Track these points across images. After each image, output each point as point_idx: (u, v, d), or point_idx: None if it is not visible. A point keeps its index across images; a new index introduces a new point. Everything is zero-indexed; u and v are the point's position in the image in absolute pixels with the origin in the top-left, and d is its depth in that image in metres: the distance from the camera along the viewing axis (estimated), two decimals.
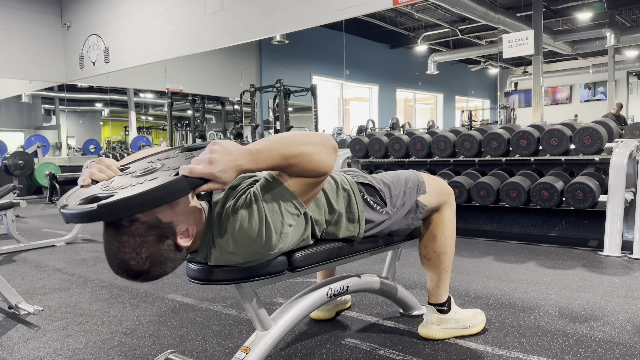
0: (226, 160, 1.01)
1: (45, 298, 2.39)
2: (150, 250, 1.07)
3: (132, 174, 1.09)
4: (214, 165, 0.99)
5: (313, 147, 1.12)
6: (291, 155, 1.09)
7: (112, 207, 0.94)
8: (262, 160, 1.06)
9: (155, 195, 0.95)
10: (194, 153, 1.13)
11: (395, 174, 1.61)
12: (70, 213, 0.98)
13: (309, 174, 1.14)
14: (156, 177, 1.03)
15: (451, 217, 1.69)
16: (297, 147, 1.10)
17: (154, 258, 1.08)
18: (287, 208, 1.15)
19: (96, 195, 1.02)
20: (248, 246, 1.16)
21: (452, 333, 1.71)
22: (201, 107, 9.86)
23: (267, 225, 1.13)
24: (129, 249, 1.05)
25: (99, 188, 1.06)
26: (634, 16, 11.99)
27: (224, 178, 1.01)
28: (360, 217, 1.44)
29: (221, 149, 1.01)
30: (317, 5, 5.27)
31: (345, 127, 11.24)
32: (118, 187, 1.02)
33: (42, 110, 11.31)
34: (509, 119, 12.17)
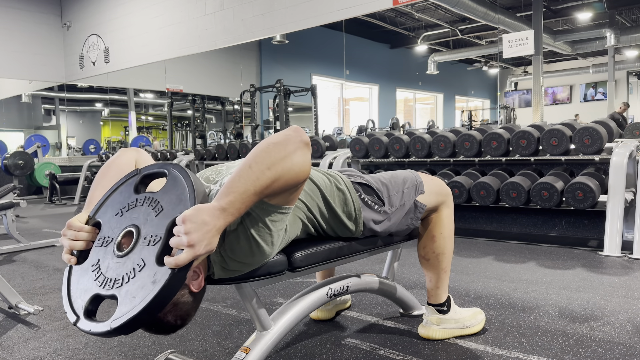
0: (204, 233, 0.95)
1: (45, 298, 2.39)
2: (176, 313, 1.10)
3: (113, 251, 1.07)
4: (196, 247, 0.95)
5: (282, 162, 1.03)
6: (265, 186, 1.02)
7: (126, 327, 1.01)
8: (238, 210, 1.01)
9: (160, 302, 0.98)
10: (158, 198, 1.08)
11: (393, 174, 1.60)
12: (89, 332, 1.04)
13: (290, 188, 1.09)
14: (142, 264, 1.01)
15: (449, 217, 1.69)
16: (267, 173, 1.02)
17: (181, 315, 1.12)
18: (272, 219, 1.13)
19: (98, 293, 1.05)
20: (244, 262, 1.18)
21: (451, 333, 1.71)
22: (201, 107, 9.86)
23: (256, 242, 1.14)
24: (157, 325, 1.11)
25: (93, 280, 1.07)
26: (634, 16, 11.99)
27: (210, 248, 0.98)
28: (358, 215, 1.43)
29: (194, 226, 0.95)
30: (317, 5, 5.27)
31: (345, 127, 11.24)
32: (113, 282, 1.04)
33: (42, 110, 11.31)
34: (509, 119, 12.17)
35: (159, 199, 1.07)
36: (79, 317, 1.05)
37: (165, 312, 1.08)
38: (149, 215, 1.07)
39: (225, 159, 5.53)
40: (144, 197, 1.10)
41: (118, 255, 1.06)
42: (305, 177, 1.10)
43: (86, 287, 1.08)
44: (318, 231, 1.42)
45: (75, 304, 1.07)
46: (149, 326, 1.10)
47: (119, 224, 1.11)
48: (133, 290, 1.00)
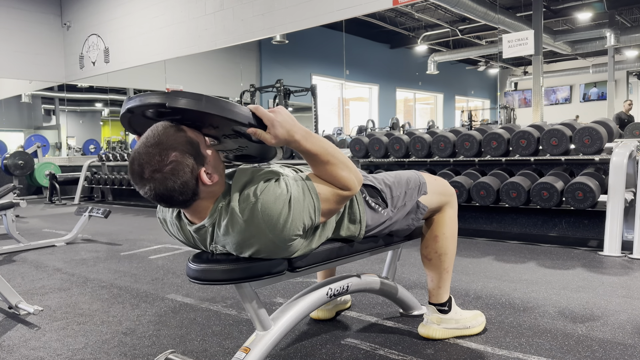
0: (286, 119, 1.16)
1: (45, 298, 2.39)
2: (178, 158, 1.12)
3: None
4: (276, 115, 1.15)
5: (348, 162, 1.26)
6: (332, 155, 1.23)
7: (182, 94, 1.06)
8: (311, 142, 1.20)
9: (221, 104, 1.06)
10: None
11: (396, 175, 1.60)
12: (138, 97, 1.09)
13: (338, 181, 1.23)
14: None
15: (453, 218, 1.69)
16: (338, 154, 1.24)
17: (175, 166, 1.11)
18: (309, 205, 1.20)
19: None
20: (263, 223, 1.16)
21: (452, 333, 1.71)
22: None
23: (289, 209, 1.17)
24: (163, 146, 1.11)
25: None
26: (634, 16, 11.98)
27: (278, 131, 1.15)
28: (362, 218, 1.44)
29: (285, 112, 1.17)
30: (317, 5, 5.27)
31: (345, 127, 11.23)
32: None
33: (42, 110, 11.30)
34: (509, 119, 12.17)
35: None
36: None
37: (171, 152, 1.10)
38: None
39: None
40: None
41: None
42: (350, 188, 1.27)
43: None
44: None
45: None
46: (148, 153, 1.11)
47: None
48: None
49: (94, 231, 4.28)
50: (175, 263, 3.02)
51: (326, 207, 1.25)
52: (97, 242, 3.87)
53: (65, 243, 3.84)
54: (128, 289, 2.48)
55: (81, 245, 3.77)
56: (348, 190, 1.26)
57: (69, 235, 3.91)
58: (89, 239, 4.01)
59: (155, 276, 2.71)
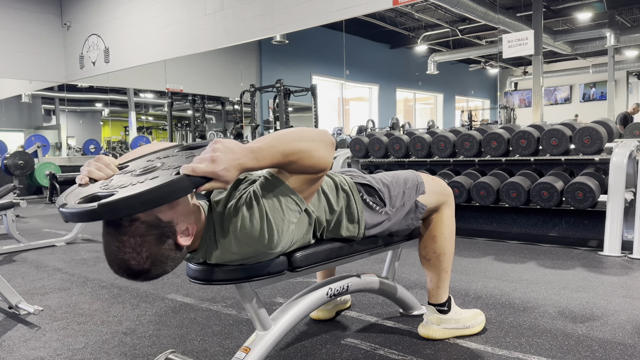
0: (229, 159, 1.00)
1: (45, 298, 2.39)
2: (151, 249, 1.06)
3: (132, 173, 1.08)
4: (216, 164, 0.99)
5: (312, 143, 1.13)
6: (291, 152, 1.09)
7: (113, 206, 0.93)
8: (263, 158, 1.06)
9: (157, 195, 0.94)
10: (195, 152, 1.12)
11: (394, 174, 1.60)
12: (69, 212, 0.96)
13: (309, 170, 1.15)
14: (157, 176, 1.02)
15: (450, 218, 1.69)
16: (297, 144, 1.10)
17: (154, 257, 1.07)
18: (288, 205, 1.15)
19: (96, 194, 1.00)
20: (250, 245, 1.16)
21: (452, 333, 1.71)
22: (201, 107, 9.86)
23: (269, 222, 1.13)
24: (130, 248, 1.04)
25: (98, 187, 1.05)
26: (634, 16, 11.99)
27: (227, 177, 1.01)
28: (360, 217, 1.44)
29: (223, 148, 1.01)
30: (317, 5, 5.27)
31: (345, 127, 11.24)
32: (118, 186, 1.01)
33: (42, 110, 11.30)
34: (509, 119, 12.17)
35: (195, 152, 1.11)
36: (66, 203, 0.99)
37: (144, 242, 1.04)
38: (179, 159, 1.10)
39: None
40: (181, 152, 1.15)
41: (135, 174, 1.05)
42: (324, 167, 1.17)
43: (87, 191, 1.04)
44: (316, 237, 1.41)
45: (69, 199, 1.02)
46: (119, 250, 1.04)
47: (146, 163, 1.13)
48: (135, 188, 0.97)
49: (94, 231, 4.28)
50: None
51: (305, 194, 1.20)
52: (97, 242, 3.87)
53: (65, 243, 3.84)
54: (128, 289, 2.48)
55: (81, 245, 3.77)
56: (322, 172, 1.18)
57: (69, 235, 3.91)
58: (89, 239, 4.01)
59: None
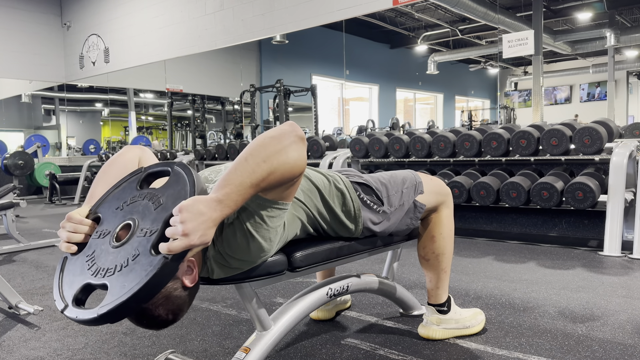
0: (199, 223, 0.96)
1: (45, 298, 2.39)
2: (167, 307, 1.09)
3: (109, 241, 1.07)
4: (190, 237, 0.95)
5: (278, 155, 1.04)
6: (261, 179, 1.03)
7: (112, 314, 0.97)
8: (234, 202, 1.01)
9: (149, 290, 0.97)
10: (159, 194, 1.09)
11: (392, 174, 1.60)
12: (75, 319, 1.01)
13: (286, 182, 1.09)
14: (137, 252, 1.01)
15: (449, 218, 1.69)
16: (263, 167, 1.03)
17: (173, 310, 1.10)
18: (270, 215, 1.13)
19: (88, 282, 1.04)
20: (242, 259, 1.17)
21: (451, 333, 1.71)
22: (201, 107, 9.86)
23: (253, 238, 1.13)
24: (148, 319, 1.09)
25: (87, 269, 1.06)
26: (634, 16, 11.98)
27: (205, 240, 0.98)
28: (357, 214, 1.43)
29: (191, 215, 0.95)
30: (317, 5, 5.27)
31: (345, 127, 11.24)
32: (105, 271, 1.03)
33: (42, 110, 11.30)
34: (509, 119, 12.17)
35: (160, 194, 1.08)
36: (67, 305, 1.04)
37: (156, 305, 1.07)
38: (148, 209, 1.07)
39: (225, 159, 5.54)
40: (145, 193, 1.11)
41: (114, 245, 1.06)
42: (300, 171, 1.10)
43: (78, 276, 1.07)
44: (318, 231, 1.42)
45: (66, 292, 1.06)
46: (140, 319, 1.09)
47: (118, 217, 1.11)
48: (124, 278, 0.99)
49: None
50: None
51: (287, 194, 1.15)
52: None
53: None
54: None
55: None
56: (299, 175, 1.11)
57: None
58: None
59: None
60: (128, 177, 1.18)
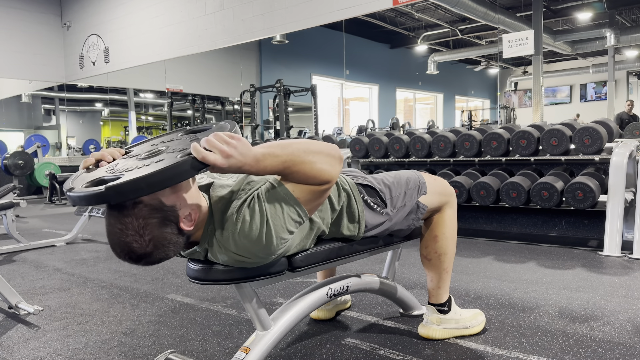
0: (239, 157, 1.03)
1: (45, 298, 2.39)
2: (154, 232, 1.07)
3: (137, 157, 1.09)
4: (228, 160, 1.02)
5: (317, 155, 1.14)
6: (293, 163, 1.11)
7: (119, 188, 0.94)
8: (264, 167, 1.08)
9: (163, 177, 0.95)
10: (198, 135, 1.12)
11: (396, 175, 1.60)
12: (77, 196, 0.98)
13: (312, 181, 1.15)
14: (162, 159, 1.02)
15: (452, 218, 1.69)
16: (300, 155, 1.12)
17: (156, 241, 1.08)
18: (290, 214, 1.15)
19: (102, 177, 1.01)
20: (247, 248, 1.16)
21: (452, 333, 1.71)
22: (201, 107, 9.86)
23: (268, 228, 1.13)
24: (132, 231, 1.05)
25: (104, 171, 1.06)
26: (634, 16, 11.99)
27: (226, 171, 1.04)
28: (360, 217, 1.44)
29: (240, 149, 1.03)
30: (317, 5, 5.27)
31: (345, 127, 11.24)
32: (124, 170, 1.02)
33: (42, 110, 11.30)
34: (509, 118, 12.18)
35: (199, 136, 1.10)
36: (73, 188, 1.00)
37: (146, 224, 1.05)
38: (184, 142, 1.09)
39: None
40: (185, 136, 1.14)
41: (140, 158, 1.06)
42: (328, 180, 1.17)
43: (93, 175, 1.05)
44: (319, 237, 1.41)
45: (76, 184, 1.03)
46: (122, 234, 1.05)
47: (151, 147, 1.13)
48: (141, 171, 0.97)
49: (94, 231, 4.28)
50: (175, 263, 3.02)
51: (310, 207, 1.20)
52: (97, 242, 3.87)
53: (65, 243, 3.84)
54: (128, 289, 2.48)
55: (81, 245, 3.77)
56: (327, 184, 1.18)
57: (69, 235, 3.91)
58: (89, 239, 4.01)
59: (155, 276, 2.71)
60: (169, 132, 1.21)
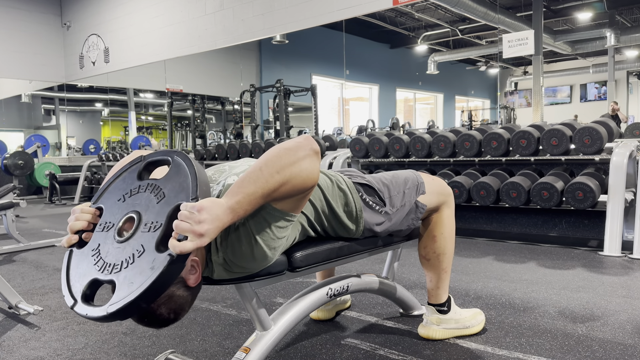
0: (215, 227, 0.97)
1: (45, 298, 2.39)
2: (170, 307, 1.09)
3: (113, 236, 1.07)
4: (204, 238, 0.96)
5: (293, 166, 1.06)
6: (273, 190, 1.04)
7: (121, 312, 0.98)
8: (244, 210, 1.03)
9: (157, 288, 0.97)
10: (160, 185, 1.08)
11: (394, 174, 1.60)
12: (85, 316, 1.02)
13: (297, 194, 1.11)
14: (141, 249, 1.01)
15: (450, 218, 1.69)
16: (276, 177, 1.04)
17: (175, 309, 1.11)
18: (277, 224, 1.14)
19: (96, 278, 1.04)
20: (243, 265, 1.18)
21: (452, 333, 1.71)
22: (201, 107, 9.86)
23: (258, 245, 1.13)
24: (151, 317, 1.09)
25: (93, 264, 1.06)
26: (634, 16, 11.99)
27: (209, 241, 0.99)
28: (359, 215, 1.43)
29: (210, 218, 0.96)
30: (317, 5, 5.27)
31: (345, 127, 11.24)
32: (112, 267, 1.03)
33: (42, 110, 11.31)
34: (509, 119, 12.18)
35: (162, 186, 1.08)
36: (76, 301, 1.04)
37: (159, 304, 1.07)
38: (150, 202, 1.07)
39: (225, 159, 5.53)
40: (146, 184, 1.11)
41: (118, 240, 1.05)
42: (313, 184, 1.11)
43: (85, 271, 1.07)
44: (318, 232, 1.42)
45: (74, 288, 1.06)
46: (142, 317, 1.09)
47: (120, 209, 1.11)
48: (131, 275, 0.99)
49: None
50: None
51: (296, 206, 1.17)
52: None
53: None
54: None
55: None
56: (311, 188, 1.13)
57: None
58: None
59: None
60: (128, 167, 1.18)
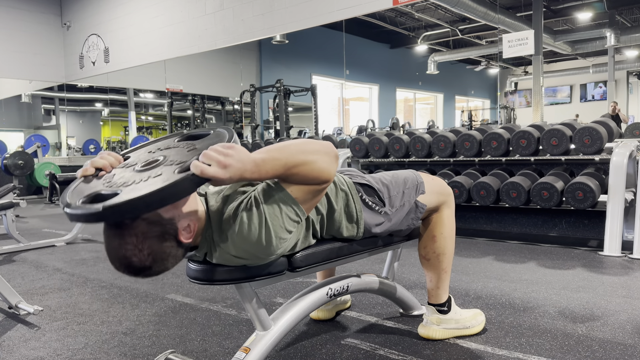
0: (238, 167, 1.02)
1: (45, 298, 2.39)
2: (152, 247, 1.07)
3: (134, 168, 1.07)
4: (226, 170, 1.00)
5: (315, 155, 1.14)
6: (293, 165, 1.11)
7: (117, 208, 0.93)
8: (265, 172, 1.09)
9: (162, 196, 0.94)
10: (195, 143, 1.11)
11: (394, 174, 1.60)
12: (74, 213, 0.96)
13: (311, 182, 1.16)
14: (159, 173, 1.01)
15: (450, 218, 1.69)
16: (300, 156, 1.12)
17: (155, 255, 1.08)
18: (288, 213, 1.16)
19: (99, 192, 1.00)
20: (247, 250, 1.17)
21: (452, 333, 1.71)
22: (201, 107, 9.86)
23: (267, 229, 1.14)
24: (131, 245, 1.05)
25: (102, 184, 1.04)
26: (634, 16, 11.98)
27: (227, 182, 1.03)
28: (359, 217, 1.44)
29: (237, 157, 1.02)
30: (317, 5, 5.26)
31: (345, 127, 11.24)
32: (121, 184, 1.00)
33: (42, 110, 11.30)
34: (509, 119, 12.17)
35: (197, 144, 1.09)
36: (70, 204, 0.99)
37: (145, 237, 1.05)
38: (181, 151, 1.08)
39: None
40: (180, 143, 1.13)
41: (137, 169, 1.04)
42: (327, 179, 1.17)
43: (89, 188, 1.03)
44: (317, 237, 1.41)
45: (72, 199, 1.01)
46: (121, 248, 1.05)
47: (148, 156, 1.11)
48: (140, 187, 0.96)
49: (94, 231, 4.28)
50: None
51: (307, 206, 1.21)
52: (97, 242, 3.87)
53: (65, 243, 3.84)
54: (128, 289, 2.48)
55: (81, 245, 3.77)
56: (326, 183, 1.18)
57: (69, 235, 3.91)
58: (89, 239, 4.01)
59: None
60: (168, 136, 1.19)
